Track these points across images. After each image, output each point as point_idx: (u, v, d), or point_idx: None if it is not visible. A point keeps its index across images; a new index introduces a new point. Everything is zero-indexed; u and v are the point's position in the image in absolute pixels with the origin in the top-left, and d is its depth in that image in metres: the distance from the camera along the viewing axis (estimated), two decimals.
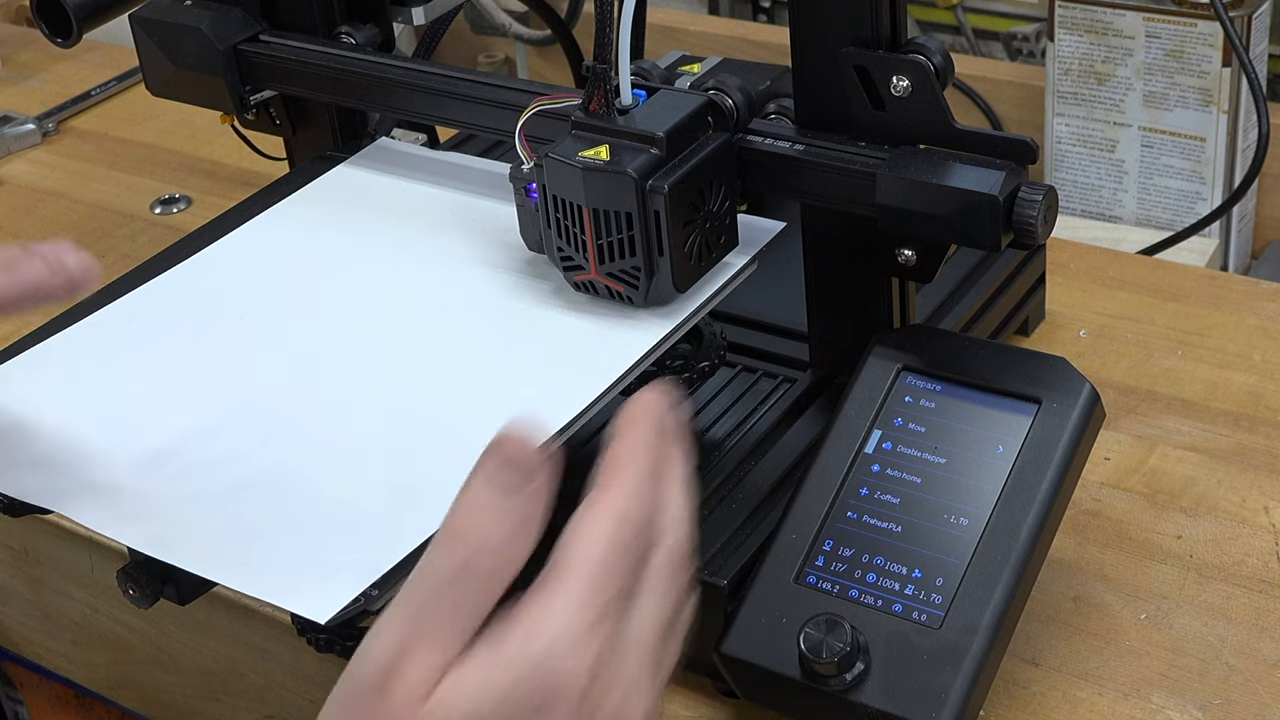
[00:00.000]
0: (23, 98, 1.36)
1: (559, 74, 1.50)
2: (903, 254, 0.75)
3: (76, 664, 1.01)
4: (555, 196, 0.74)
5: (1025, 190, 0.70)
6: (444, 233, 0.84)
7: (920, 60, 0.72)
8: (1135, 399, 0.89)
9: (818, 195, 0.75)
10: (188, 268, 0.85)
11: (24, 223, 1.18)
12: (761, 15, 1.69)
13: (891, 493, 0.71)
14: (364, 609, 0.62)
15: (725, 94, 0.75)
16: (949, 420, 0.72)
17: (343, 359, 0.77)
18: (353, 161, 0.92)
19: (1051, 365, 0.72)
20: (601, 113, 0.74)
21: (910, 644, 0.67)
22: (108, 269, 1.07)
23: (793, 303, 0.83)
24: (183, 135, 1.27)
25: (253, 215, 0.88)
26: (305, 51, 0.89)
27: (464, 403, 0.73)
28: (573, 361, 0.74)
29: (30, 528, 0.94)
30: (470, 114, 0.84)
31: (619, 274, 0.74)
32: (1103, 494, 0.82)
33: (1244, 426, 0.86)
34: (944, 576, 0.68)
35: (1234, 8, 1.16)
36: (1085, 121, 1.26)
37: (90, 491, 0.69)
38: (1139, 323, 0.95)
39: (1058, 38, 1.24)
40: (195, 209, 1.17)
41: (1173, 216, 1.25)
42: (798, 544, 0.71)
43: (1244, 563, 0.78)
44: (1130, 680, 0.72)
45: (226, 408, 0.74)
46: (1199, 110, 1.21)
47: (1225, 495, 0.82)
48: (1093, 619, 0.75)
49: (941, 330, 0.79)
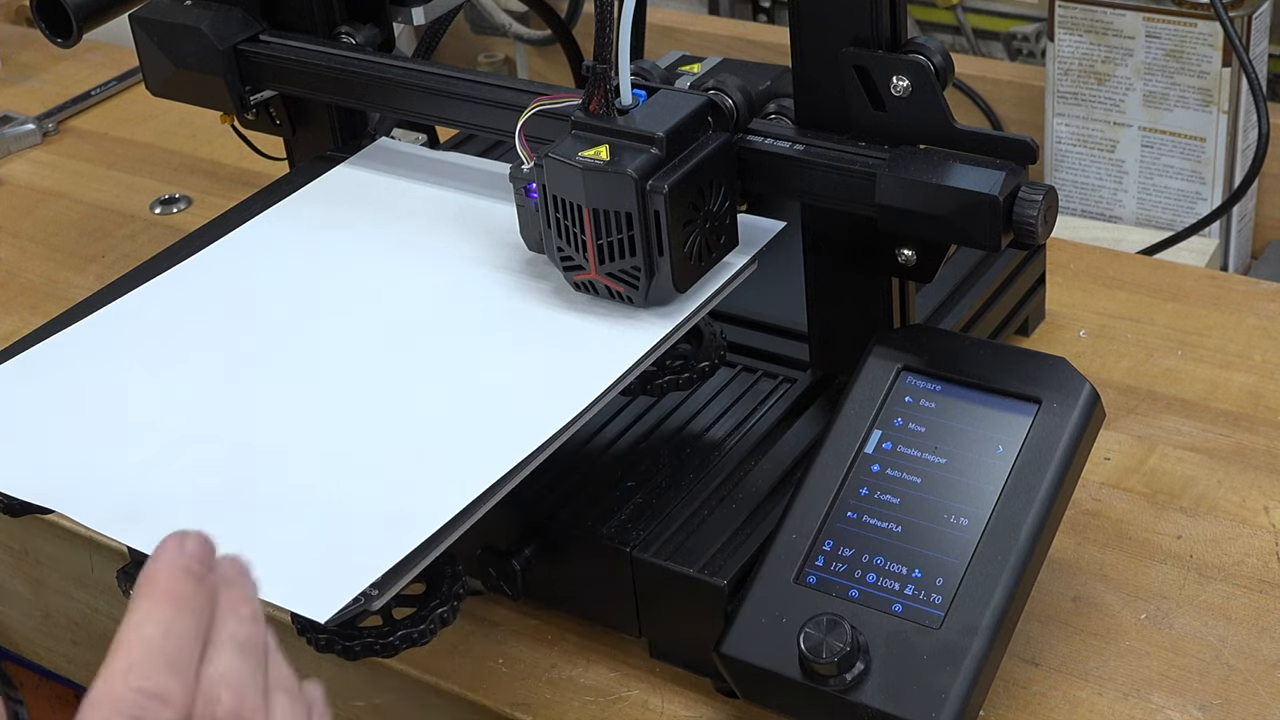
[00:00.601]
0: (23, 98, 1.36)
1: (559, 74, 1.50)
2: (903, 254, 0.75)
3: (76, 664, 1.01)
4: (555, 196, 0.74)
5: (1025, 190, 0.70)
6: (444, 233, 0.84)
7: (920, 60, 0.72)
8: (1135, 399, 0.89)
9: (818, 195, 0.75)
10: (188, 268, 0.85)
11: (24, 223, 1.18)
12: (761, 15, 1.69)
13: (891, 493, 0.71)
14: (364, 609, 0.62)
15: (725, 94, 0.75)
16: (949, 420, 0.72)
17: (343, 359, 0.77)
18: (353, 161, 0.92)
19: (1051, 365, 0.72)
20: (601, 113, 0.74)
21: (910, 644, 0.67)
22: (108, 269, 1.08)
23: (793, 303, 0.83)
24: (183, 135, 1.27)
25: (253, 215, 0.88)
26: (305, 51, 0.89)
27: (464, 403, 0.73)
28: (573, 361, 0.74)
29: (30, 528, 0.94)
30: (470, 114, 0.84)
31: (619, 274, 0.74)
32: (1103, 494, 0.82)
33: (1244, 426, 0.86)
34: (944, 576, 0.68)
35: (1234, 8, 1.16)
36: (1085, 121, 1.26)
37: (90, 491, 0.69)
38: (1139, 323, 0.95)
39: (1058, 38, 1.24)
40: (195, 209, 1.17)
41: (1173, 216, 1.25)
42: (798, 544, 0.71)
43: (1244, 563, 0.78)
44: (1130, 680, 0.72)
45: (226, 408, 0.74)
46: (1199, 110, 1.21)
47: (1225, 495, 0.82)
48: (1093, 619, 0.75)
49: (941, 330, 0.79)
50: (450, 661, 0.78)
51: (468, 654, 0.78)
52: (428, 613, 0.69)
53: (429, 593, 0.70)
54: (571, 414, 0.69)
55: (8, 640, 1.05)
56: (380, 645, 0.68)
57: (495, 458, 0.67)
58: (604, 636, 0.78)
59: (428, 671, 0.78)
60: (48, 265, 1.12)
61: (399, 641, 0.68)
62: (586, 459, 0.79)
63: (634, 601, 0.74)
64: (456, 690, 0.77)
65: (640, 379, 0.76)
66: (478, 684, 0.77)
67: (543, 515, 0.76)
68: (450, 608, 0.70)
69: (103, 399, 0.75)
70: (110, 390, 0.76)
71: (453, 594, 0.70)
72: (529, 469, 0.68)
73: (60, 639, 1.01)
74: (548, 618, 0.80)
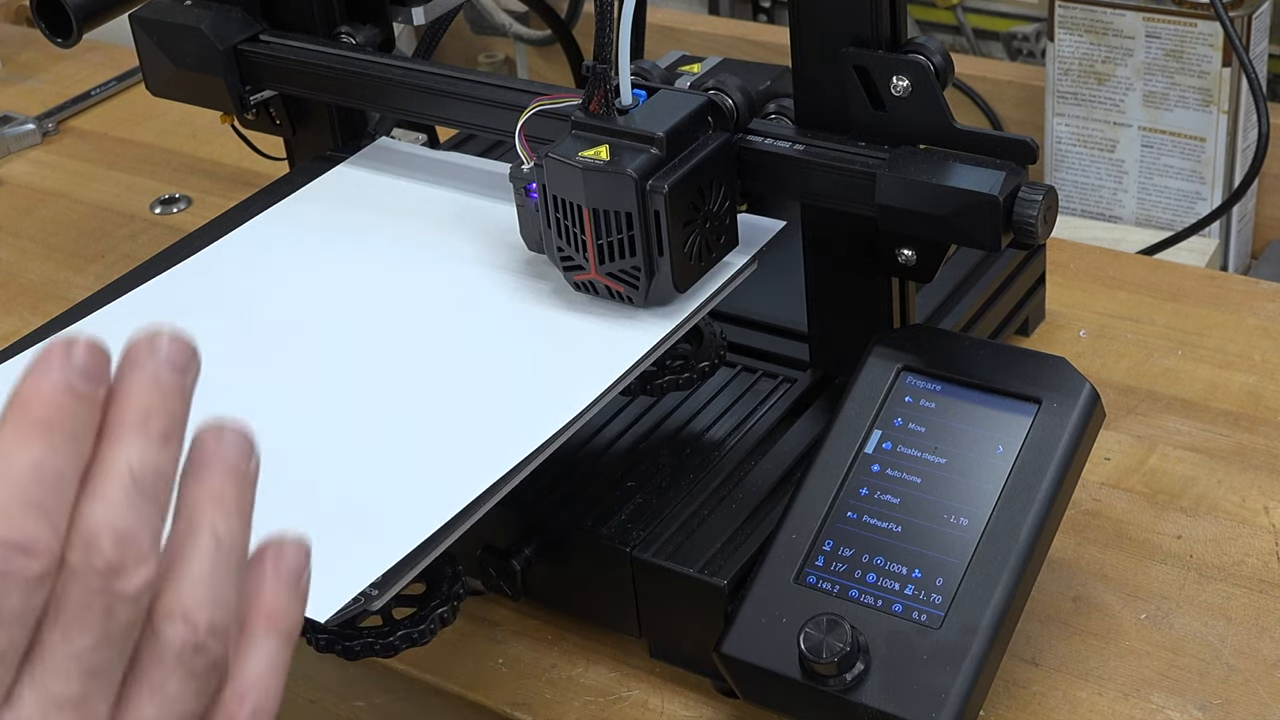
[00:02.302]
0: (23, 98, 1.36)
1: (559, 74, 1.50)
2: (903, 254, 0.75)
3: None
4: (555, 196, 0.74)
5: (1025, 190, 0.70)
6: (444, 233, 0.84)
7: (920, 60, 0.72)
8: (1135, 399, 0.89)
9: (818, 195, 0.75)
10: (188, 267, 0.85)
11: (24, 223, 1.18)
12: (761, 15, 1.69)
13: (892, 493, 0.71)
14: (364, 609, 0.62)
15: (725, 94, 0.75)
16: (949, 420, 0.72)
17: (342, 359, 0.77)
18: (353, 161, 0.92)
19: (1051, 365, 0.72)
20: (601, 113, 0.74)
21: (910, 644, 0.67)
22: (108, 269, 1.08)
23: (793, 303, 0.83)
24: (183, 135, 1.27)
25: (253, 215, 0.88)
26: (305, 51, 0.89)
27: (463, 403, 0.73)
28: (573, 362, 0.74)
29: None
30: (470, 114, 0.84)
31: (619, 274, 0.74)
32: (1103, 494, 0.82)
33: (1244, 426, 0.86)
34: (944, 576, 0.68)
35: (1234, 8, 1.16)
36: (1085, 121, 1.26)
37: None
38: (1139, 323, 0.95)
39: (1058, 38, 1.24)
40: (195, 209, 1.17)
41: (1173, 216, 1.25)
42: (798, 544, 0.71)
43: (1244, 563, 0.78)
44: (1130, 680, 0.72)
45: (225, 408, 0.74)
46: (1199, 110, 1.21)
47: (1225, 495, 0.82)
48: (1093, 619, 0.75)
49: (941, 330, 0.79)
50: (450, 661, 0.78)
51: (468, 654, 0.78)
52: (428, 613, 0.69)
53: (429, 593, 0.70)
54: (571, 414, 0.69)
55: None
56: (380, 645, 0.68)
57: (495, 458, 0.67)
58: (604, 636, 0.78)
59: (428, 671, 0.78)
60: (48, 265, 1.12)
61: (399, 641, 0.69)
62: (586, 459, 0.79)
63: (634, 601, 0.74)
64: (456, 690, 0.77)
65: (640, 379, 0.76)
66: (478, 684, 0.77)
67: (543, 515, 0.76)
68: (450, 608, 0.70)
69: None
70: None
71: (453, 594, 0.70)
72: (529, 469, 0.68)
73: None
74: (548, 618, 0.80)
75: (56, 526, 0.41)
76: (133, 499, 0.43)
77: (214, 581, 0.44)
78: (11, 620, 0.41)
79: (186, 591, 0.44)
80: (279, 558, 0.48)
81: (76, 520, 0.42)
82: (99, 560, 0.42)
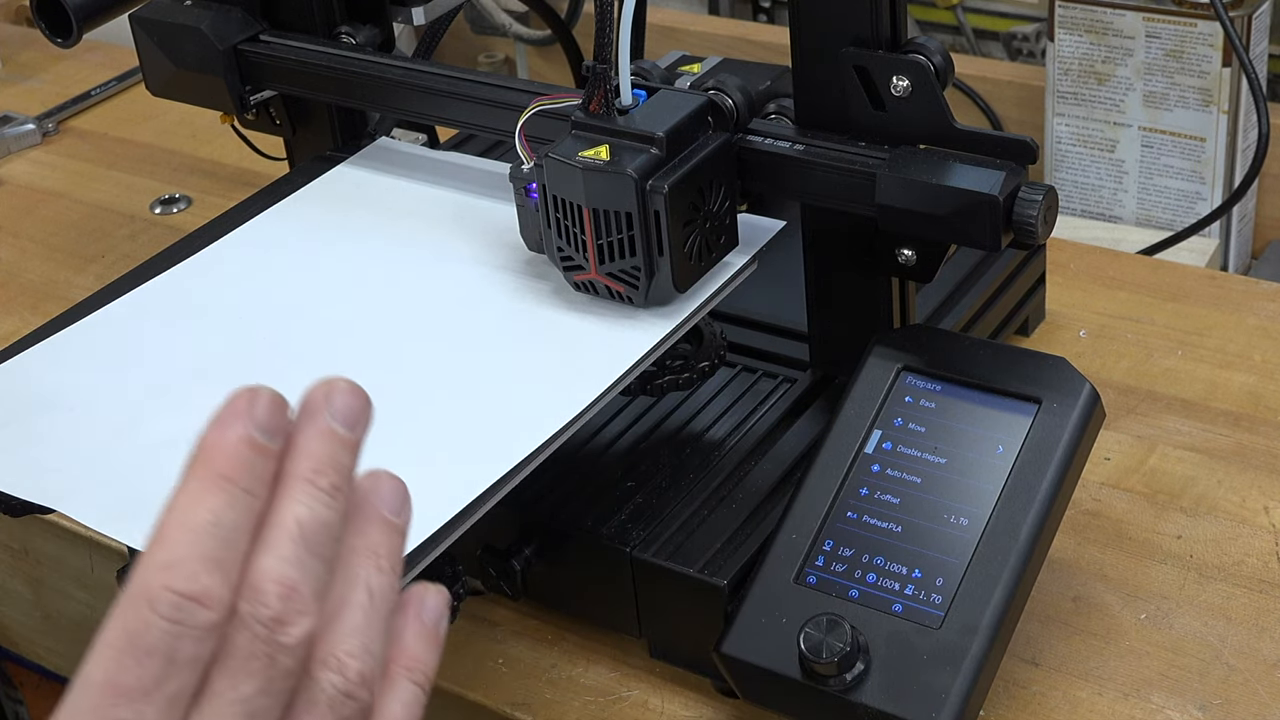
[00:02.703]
0: (23, 98, 1.36)
1: (559, 74, 1.50)
2: (903, 254, 0.75)
3: (76, 664, 1.01)
4: (555, 196, 0.74)
5: (1025, 190, 0.70)
6: (444, 233, 0.84)
7: (920, 60, 0.72)
8: (1135, 399, 0.89)
9: (818, 195, 0.75)
10: (188, 267, 0.85)
11: (24, 223, 1.18)
12: (761, 15, 1.69)
13: (892, 493, 0.71)
14: None
15: (725, 94, 0.75)
16: (949, 420, 0.72)
17: (342, 358, 0.76)
18: (353, 161, 0.92)
19: (1051, 365, 0.72)
20: (601, 113, 0.74)
21: (910, 644, 0.67)
22: (108, 269, 1.08)
23: (793, 303, 0.83)
24: (183, 135, 1.27)
25: (253, 215, 0.88)
26: (305, 51, 0.89)
27: (463, 403, 0.73)
28: (573, 362, 0.74)
29: (30, 528, 0.94)
30: (470, 114, 0.84)
31: (619, 274, 0.74)
32: (1103, 494, 0.82)
33: (1244, 426, 0.86)
34: (944, 576, 0.68)
35: (1234, 8, 1.16)
36: (1085, 121, 1.26)
37: (90, 491, 0.69)
38: (1139, 323, 0.95)
39: (1058, 38, 1.24)
40: (195, 209, 1.17)
41: (1173, 216, 1.25)
42: (798, 544, 0.71)
43: (1244, 563, 0.78)
44: (1130, 680, 0.72)
45: None
46: (1199, 110, 1.21)
47: (1225, 495, 0.82)
48: (1093, 619, 0.75)
49: (941, 330, 0.79)
50: (450, 661, 0.78)
51: (468, 654, 0.78)
52: None
53: None
54: (571, 414, 0.69)
55: (8, 640, 1.05)
56: None
57: (495, 458, 0.67)
58: (604, 636, 0.78)
59: None
60: (48, 265, 1.12)
61: None
62: (586, 459, 0.79)
63: (634, 601, 0.74)
64: (456, 690, 0.77)
65: (640, 379, 0.76)
66: (477, 684, 0.77)
67: (543, 515, 0.76)
68: (450, 608, 0.70)
69: (102, 398, 0.75)
70: (110, 390, 0.76)
71: (453, 594, 0.70)
72: (529, 469, 0.68)
73: (60, 639, 1.01)
74: (548, 618, 0.80)
75: (229, 577, 0.44)
76: (299, 553, 0.45)
77: (366, 633, 0.47)
78: (185, 666, 0.44)
79: (341, 642, 0.47)
80: (422, 606, 0.51)
81: (246, 571, 0.45)
82: (265, 612, 0.44)
